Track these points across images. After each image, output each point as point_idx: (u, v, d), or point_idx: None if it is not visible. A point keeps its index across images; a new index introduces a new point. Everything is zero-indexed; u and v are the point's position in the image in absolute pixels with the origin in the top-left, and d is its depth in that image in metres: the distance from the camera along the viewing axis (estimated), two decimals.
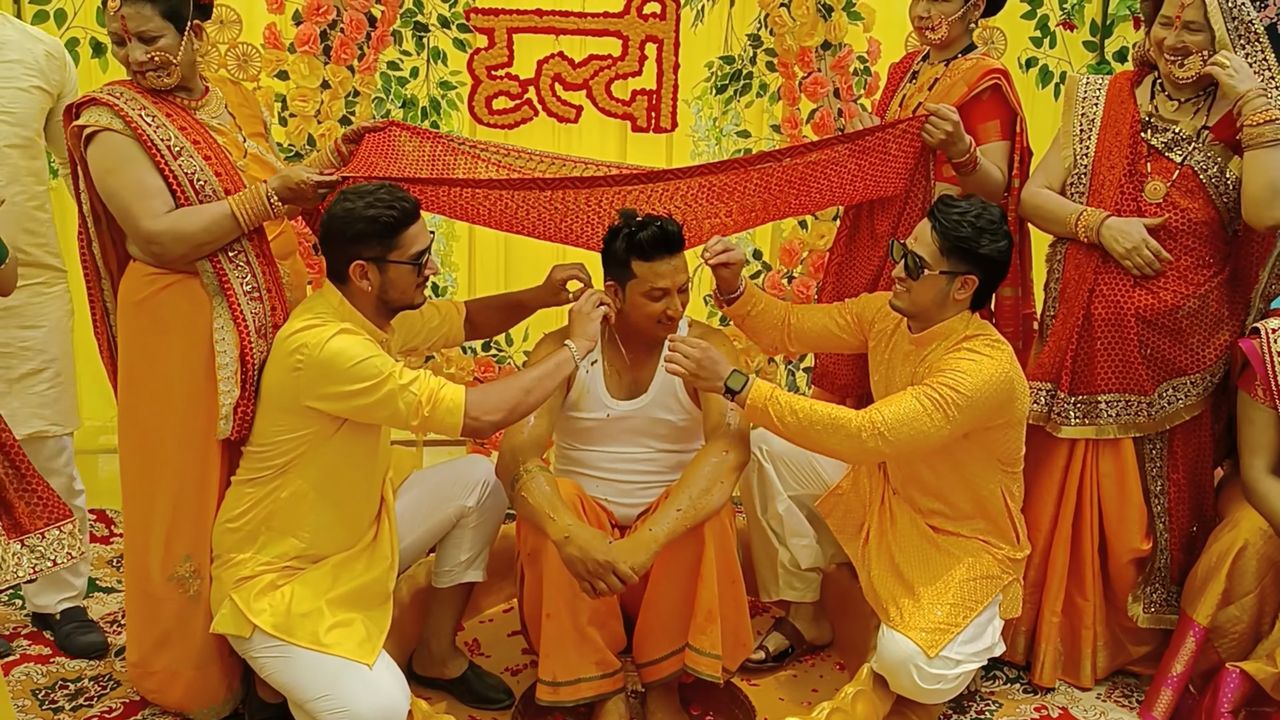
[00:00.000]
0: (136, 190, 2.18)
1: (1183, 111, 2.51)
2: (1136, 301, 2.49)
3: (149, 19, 2.17)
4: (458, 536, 2.49)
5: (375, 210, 2.09)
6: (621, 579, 2.14)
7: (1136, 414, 2.54)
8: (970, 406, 2.23)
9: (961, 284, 2.30)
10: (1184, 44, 2.41)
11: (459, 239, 3.51)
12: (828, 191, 2.62)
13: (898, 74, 2.95)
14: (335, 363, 2.05)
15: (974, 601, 2.35)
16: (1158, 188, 2.49)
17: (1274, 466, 2.44)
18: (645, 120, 3.35)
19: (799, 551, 2.66)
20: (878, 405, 2.25)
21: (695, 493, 2.27)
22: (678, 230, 2.35)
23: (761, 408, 2.25)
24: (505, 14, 3.21)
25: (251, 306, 2.24)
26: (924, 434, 2.21)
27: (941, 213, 2.29)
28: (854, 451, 2.24)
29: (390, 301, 2.19)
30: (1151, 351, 2.52)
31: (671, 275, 2.36)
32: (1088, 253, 2.54)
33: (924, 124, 2.54)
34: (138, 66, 2.20)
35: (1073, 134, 2.61)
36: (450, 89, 3.31)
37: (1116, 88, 2.61)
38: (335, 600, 2.17)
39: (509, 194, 2.41)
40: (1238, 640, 2.43)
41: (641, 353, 2.53)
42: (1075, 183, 2.60)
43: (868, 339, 2.59)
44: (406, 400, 2.07)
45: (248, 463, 2.22)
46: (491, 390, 2.19)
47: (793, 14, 3.16)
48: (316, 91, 3.05)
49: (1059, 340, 2.58)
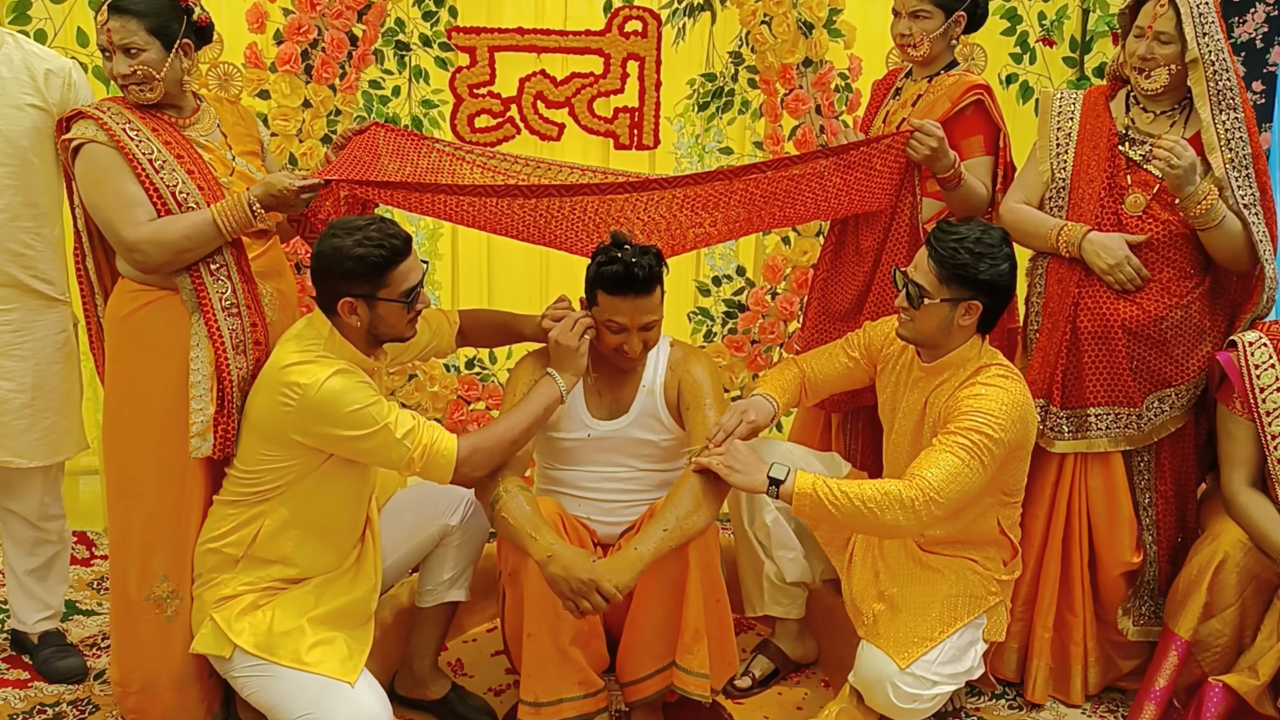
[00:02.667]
0: (119, 200, 2.20)
1: (1158, 124, 2.52)
2: (1122, 313, 2.49)
3: (134, 33, 2.20)
4: (441, 555, 2.48)
5: (364, 249, 2.08)
6: (606, 598, 2.13)
7: (1126, 426, 2.54)
8: (1001, 446, 2.20)
9: (965, 310, 2.26)
10: (1153, 55, 2.43)
11: (442, 258, 3.51)
12: (812, 205, 2.62)
13: (881, 90, 2.97)
14: (330, 407, 2.06)
15: (953, 618, 2.33)
16: (1138, 200, 2.50)
17: (1253, 479, 2.46)
18: (628, 137, 3.36)
19: (785, 565, 2.65)
20: (918, 470, 2.17)
21: (681, 512, 2.25)
22: (648, 274, 2.32)
23: (810, 493, 2.17)
24: (487, 33, 3.22)
25: (229, 322, 2.24)
26: (970, 486, 2.18)
27: (938, 240, 2.26)
28: (913, 524, 2.16)
29: (380, 336, 2.19)
30: (1138, 363, 2.52)
31: (631, 314, 2.34)
32: (1069, 267, 2.54)
33: (908, 139, 2.55)
34: (121, 80, 2.23)
35: (1049, 148, 2.62)
36: (432, 107, 3.31)
37: (1091, 101, 2.62)
38: (317, 619, 2.16)
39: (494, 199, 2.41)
40: (1220, 653, 2.43)
41: (622, 373, 2.52)
42: (1054, 197, 2.60)
43: (876, 365, 2.57)
44: (400, 453, 2.11)
45: (231, 485, 2.21)
46: (481, 446, 2.21)
47: (774, 31, 3.18)
48: (298, 110, 3.05)
49: (1046, 355, 2.57)
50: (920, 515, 2.14)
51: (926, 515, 2.15)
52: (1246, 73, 3.68)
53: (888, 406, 2.51)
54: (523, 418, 2.28)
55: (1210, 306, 2.55)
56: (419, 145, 2.57)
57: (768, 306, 3.43)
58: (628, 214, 2.47)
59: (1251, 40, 3.66)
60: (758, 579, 2.69)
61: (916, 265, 2.31)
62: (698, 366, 2.51)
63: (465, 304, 3.63)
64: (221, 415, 2.21)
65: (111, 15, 2.20)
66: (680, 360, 2.52)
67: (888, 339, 2.51)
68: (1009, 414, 2.21)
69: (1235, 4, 3.62)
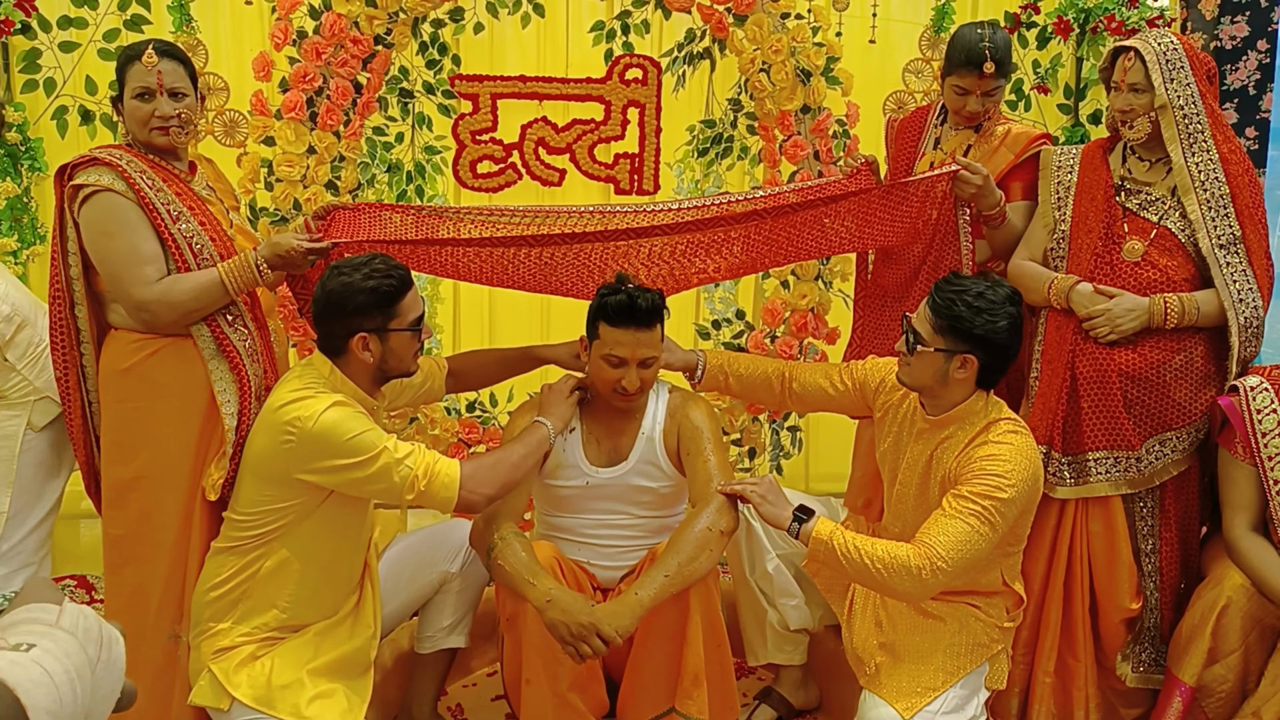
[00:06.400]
0: (131, 256, 2.20)
1: (1154, 172, 2.56)
2: (1119, 359, 2.51)
3: (182, 77, 2.29)
4: (441, 602, 2.48)
5: (374, 281, 2.12)
6: (606, 641, 2.12)
7: (1126, 469, 2.54)
8: (1010, 509, 2.20)
9: (961, 363, 2.25)
10: (1131, 106, 2.50)
11: (444, 301, 3.53)
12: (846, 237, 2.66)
13: (909, 132, 2.95)
14: (330, 436, 2.06)
15: (957, 667, 2.31)
16: (1135, 247, 2.52)
17: (1255, 524, 2.45)
18: (628, 183, 3.38)
19: (788, 612, 2.64)
20: (926, 537, 2.16)
21: (683, 558, 2.24)
22: (650, 307, 2.35)
23: (827, 541, 2.18)
24: (489, 80, 3.26)
25: (253, 368, 2.26)
26: (979, 551, 2.18)
27: (939, 290, 2.26)
28: (918, 591, 2.16)
29: (389, 370, 2.21)
30: (1136, 406, 2.52)
31: (631, 347, 2.36)
32: (1066, 315, 2.56)
33: (955, 176, 2.60)
34: (161, 121, 2.27)
35: (1050, 203, 2.66)
36: (435, 153, 3.35)
37: (1089, 155, 2.67)
38: (316, 670, 2.15)
39: (497, 250, 2.44)
40: (1224, 699, 2.42)
41: (620, 419, 2.52)
42: (1055, 248, 2.65)
43: (872, 407, 2.57)
44: (402, 474, 2.09)
45: (229, 530, 2.20)
46: (483, 465, 2.21)
47: (772, 79, 3.22)
48: (302, 157, 3.08)
49: (1046, 403, 2.58)
50: (927, 583, 2.14)
51: (933, 583, 2.15)
52: (1240, 119, 3.72)
53: (889, 455, 2.50)
54: (518, 447, 2.30)
55: (1215, 351, 2.54)
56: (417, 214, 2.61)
57: (767, 350, 3.44)
58: (631, 258, 2.49)
59: (1244, 87, 3.71)
60: (760, 627, 2.68)
61: (919, 311, 2.32)
62: (696, 411, 2.51)
63: (467, 346, 3.65)
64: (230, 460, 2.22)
65: (162, 58, 2.27)
66: (679, 406, 2.53)
67: (885, 384, 2.51)
68: (1020, 474, 2.21)
69: (1228, 51, 3.67)
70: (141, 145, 2.33)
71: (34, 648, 0.78)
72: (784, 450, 3.53)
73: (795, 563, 2.64)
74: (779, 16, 3.18)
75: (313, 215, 2.52)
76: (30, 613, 0.81)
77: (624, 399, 2.43)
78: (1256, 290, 2.48)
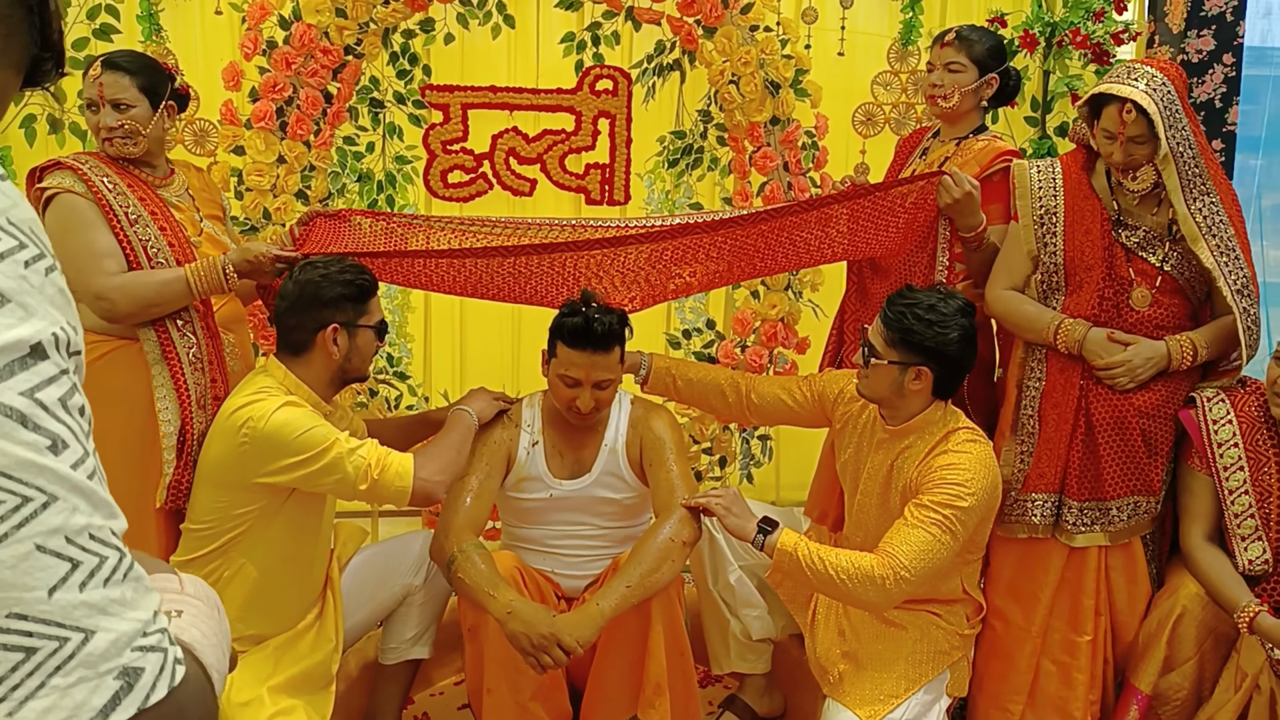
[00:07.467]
0: (90, 249, 2.23)
1: (1144, 206, 2.47)
2: (1137, 401, 2.45)
3: (125, 89, 2.28)
4: (404, 614, 2.49)
5: (350, 275, 2.20)
6: (567, 652, 2.13)
7: (1147, 511, 2.50)
8: (970, 517, 2.22)
9: (915, 375, 2.27)
10: (1133, 157, 2.37)
11: (415, 310, 3.54)
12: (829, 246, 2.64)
13: (906, 149, 2.98)
14: (281, 435, 2.06)
15: (919, 674, 2.34)
16: (1145, 295, 2.45)
17: (1211, 534, 2.48)
18: (599, 193, 3.40)
19: (751, 622, 2.66)
20: (889, 547, 2.18)
21: (645, 569, 2.26)
22: (607, 331, 2.35)
23: (791, 552, 2.20)
24: (460, 90, 3.27)
25: (194, 377, 2.27)
26: (941, 560, 2.20)
27: (890, 303, 2.29)
28: (882, 600, 2.18)
29: (349, 370, 2.23)
30: (1151, 438, 2.47)
31: (587, 369, 2.36)
32: (1069, 358, 2.48)
33: (940, 181, 2.54)
34: (107, 132, 2.28)
35: (1032, 227, 2.54)
36: (406, 163, 3.36)
37: (1073, 177, 2.53)
38: (276, 687, 2.14)
39: (471, 261, 2.45)
40: (1180, 707, 2.44)
41: (583, 432, 2.53)
42: (1045, 280, 2.53)
43: (831, 419, 2.59)
44: (355, 464, 2.09)
45: (187, 542, 2.21)
46: (429, 455, 2.22)
47: (742, 91, 3.24)
48: (272, 166, 3.09)
49: (1054, 449, 2.49)
50: (890, 593, 2.16)
51: (897, 592, 2.17)
52: (1207, 132, 3.74)
53: (851, 466, 2.52)
54: (453, 435, 2.33)
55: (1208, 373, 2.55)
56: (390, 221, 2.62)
57: (737, 359, 3.46)
58: (605, 267, 2.50)
59: (1211, 100, 3.75)
60: (724, 637, 2.69)
61: (874, 325, 2.34)
62: (659, 422, 2.53)
63: (439, 355, 3.68)
64: (178, 468, 2.23)
65: (105, 70, 2.28)
66: (641, 417, 2.54)
67: (843, 395, 2.53)
68: (979, 483, 2.23)
69: (1194, 65, 3.71)
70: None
71: (182, 614, 0.80)
72: (754, 459, 3.55)
73: (758, 573, 2.65)
74: (748, 29, 3.20)
75: (296, 222, 2.55)
76: (159, 582, 0.82)
77: (578, 418, 2.44)
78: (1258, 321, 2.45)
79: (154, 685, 0.67)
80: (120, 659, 0.66)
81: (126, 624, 0.67)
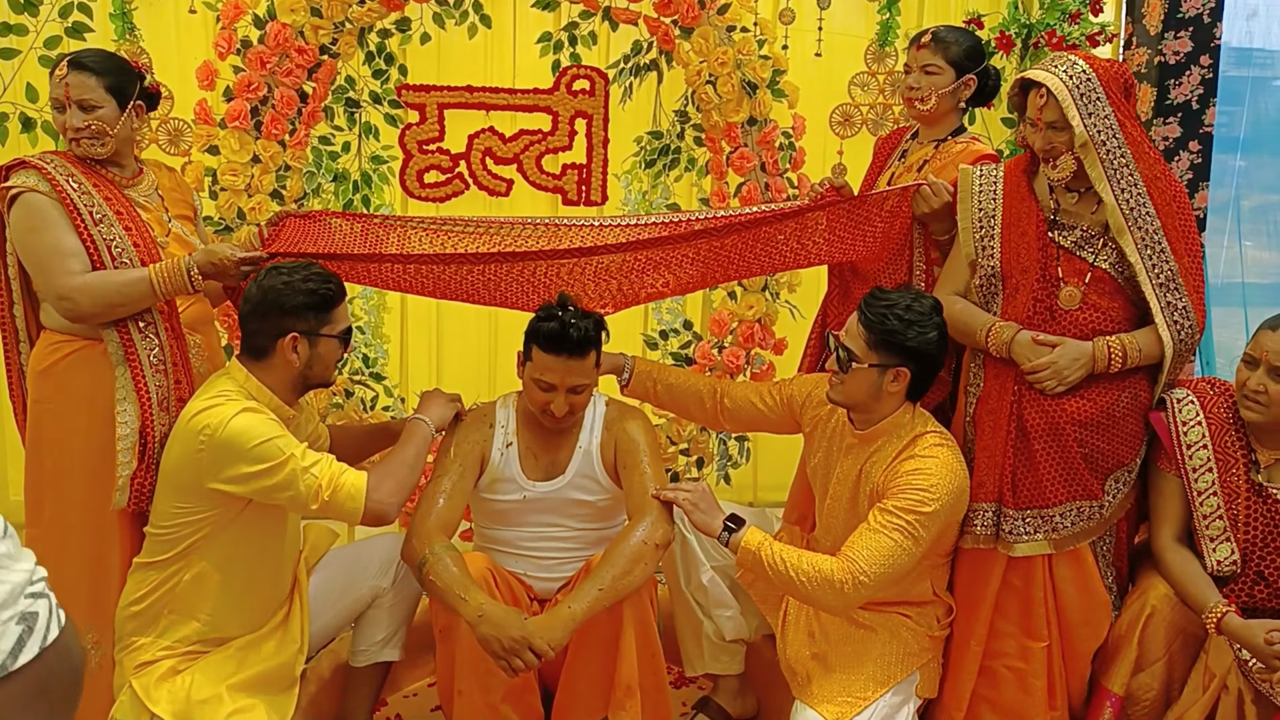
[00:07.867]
0: (54, 248, 2.23)
1: (1084, 204, 2.42)
2: (1071, 408, 2.39)
3: (92, 89, 2.26)
4: (374, 616, 2.48)
5: (313, 284, 2.15)
6: (538, 655, 2.13)
7: (1089, 518, 2.44)
8: (934, 522, 2.22)
9: (894, 376, 2.27)
10: (1052, 145, 2.35)
11: (391, 310, 3.52)
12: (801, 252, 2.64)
13: (885, 150, 2.97)
14: (237, 442, 2.04)
15: (888, 676, 2.34)
16: (1073, 294, 2.41)
17: (1180, 535, 2.48)
18: (576, 193, 3.39)
19: (723, 623, 2.66)
20: (850, 552, 2.18)
21: (617, 572, 2.25)
22: (583, 337, 2.32)
23: (755, 551, 2.21)
24: (436, 90, 3.26)
25: (155, 379, 2.26)
26: (901, 565, 2.20)
27: (869, 305, 2.28)
28: (840, 603, 2.19)
29: (310, 378, 2.21)
30: (1093, 452, 2.42)
31: (561, 374, 2.35)
32: (1004, 363, 2.44)
33: (917, 192, 2.55)
34: (73, 133, 2.27)
35: (970, 230, 2.51)
36: (382, 163, 3.35)
37: (1013, 180, 2.50)
38: (237, 685, 2.13)
39: (442, 265, 2.44)
40: (1149, 707, 2.45)
41: (557, 434, 2.52)
42: (984, 285, 2.50)
43: (800, 423, 2.59)
44: (307, 483, 2.07)
45: (149, 545, 2.20)
46: (383, 474, 2.18)
47: (719, 91, 3.24)
48: (247, 166, 3.07)
49: (991, 456, 2.44)
50: (849, 597, 2.17)
51: (855, 597, 2.17)
52: (1183, 133, 3.77)
53: (820, 471, 2.52)
54: (408, 449, 2.29)
55: (1154, 379, 2.48)
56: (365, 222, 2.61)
57: (714, 360, 3.46)
58: (580, 274, 2.49)
59: (1188, 102, 3.76)
60: (697, 638, 2.69)
61: (848, 329, 2.33)
62: (633, 424, 2.52)
63: (415, 356, 3.67)
64: (140, 470, 2.22)
65: (71, 70, 2.26)
66: (615, 419, 2.54)
67: (812, 399, 2.53)
68: (944, 488, 2.23)
69: (1171, 66, 3.72)
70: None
71: None
72: (732, 460, 3.55)
73: (730, 574, 2.65)
74: (725, 29, 3.20)
75: (266, 223, 2.53)
76: None
77: (553, 422, 2.43)
78: (1194, 319, 2.39)
79: (49, 626, 0.77)
80: (18, 606, 0.75)
81: (17, 575, 0.76)
